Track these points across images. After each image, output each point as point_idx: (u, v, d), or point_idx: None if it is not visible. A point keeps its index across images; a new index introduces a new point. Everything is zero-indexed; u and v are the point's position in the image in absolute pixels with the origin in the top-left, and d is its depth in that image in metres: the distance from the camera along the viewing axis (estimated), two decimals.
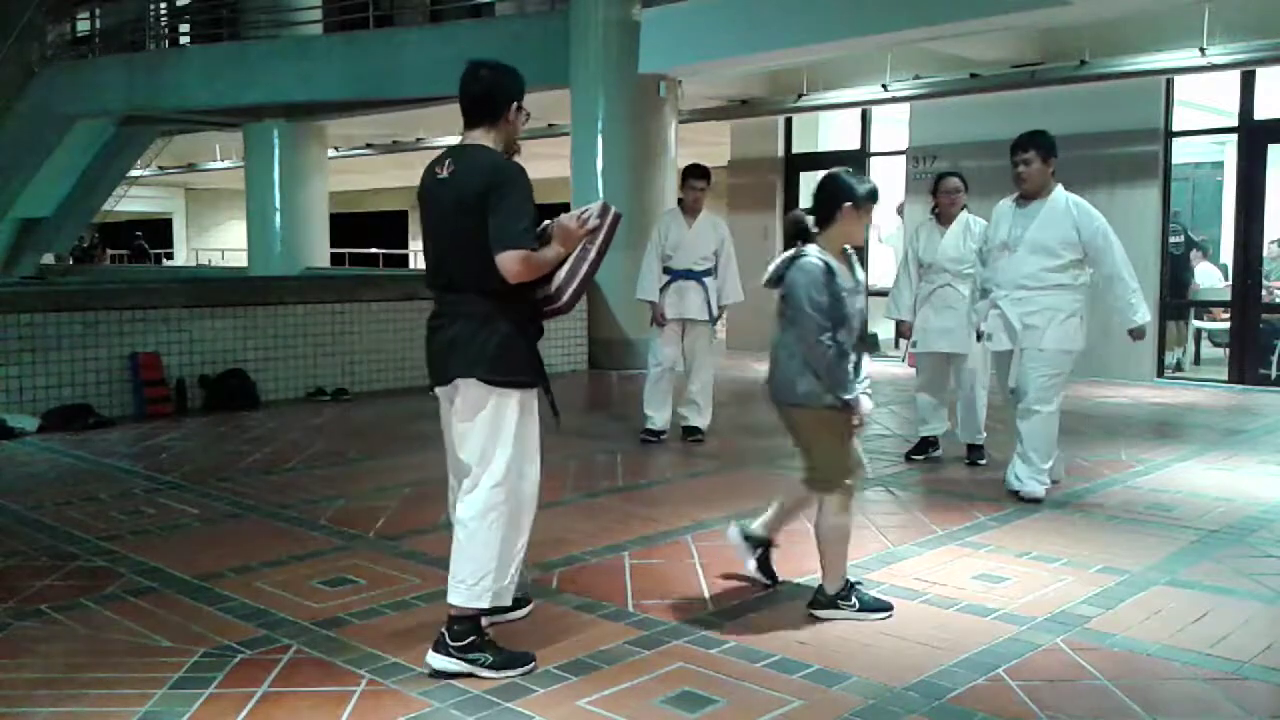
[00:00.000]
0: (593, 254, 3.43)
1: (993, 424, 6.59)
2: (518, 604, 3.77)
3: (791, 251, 3.80)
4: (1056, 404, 5.58)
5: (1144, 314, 5.52)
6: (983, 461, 6.42)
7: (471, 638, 3.29)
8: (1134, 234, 10.36)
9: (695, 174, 7.08)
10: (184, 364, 8.56)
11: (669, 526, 5.02)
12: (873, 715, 3.03)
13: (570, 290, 3.43)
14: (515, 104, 3.44)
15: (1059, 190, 5.55)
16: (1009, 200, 5.66)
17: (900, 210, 12.43)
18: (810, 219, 3.82)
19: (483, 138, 3.43)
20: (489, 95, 3.43)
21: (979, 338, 5.79)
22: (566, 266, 3.42)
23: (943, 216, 6.47)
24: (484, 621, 3.38)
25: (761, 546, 4.14)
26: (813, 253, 3.74)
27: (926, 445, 6.64)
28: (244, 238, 17.99)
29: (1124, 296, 5.47)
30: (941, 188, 6.47)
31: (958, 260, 6.32)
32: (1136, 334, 5.60)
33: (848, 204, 3.75)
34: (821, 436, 3.81)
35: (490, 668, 3.26)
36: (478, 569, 3.29)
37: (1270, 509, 5.35)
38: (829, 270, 3.70)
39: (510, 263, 3.24)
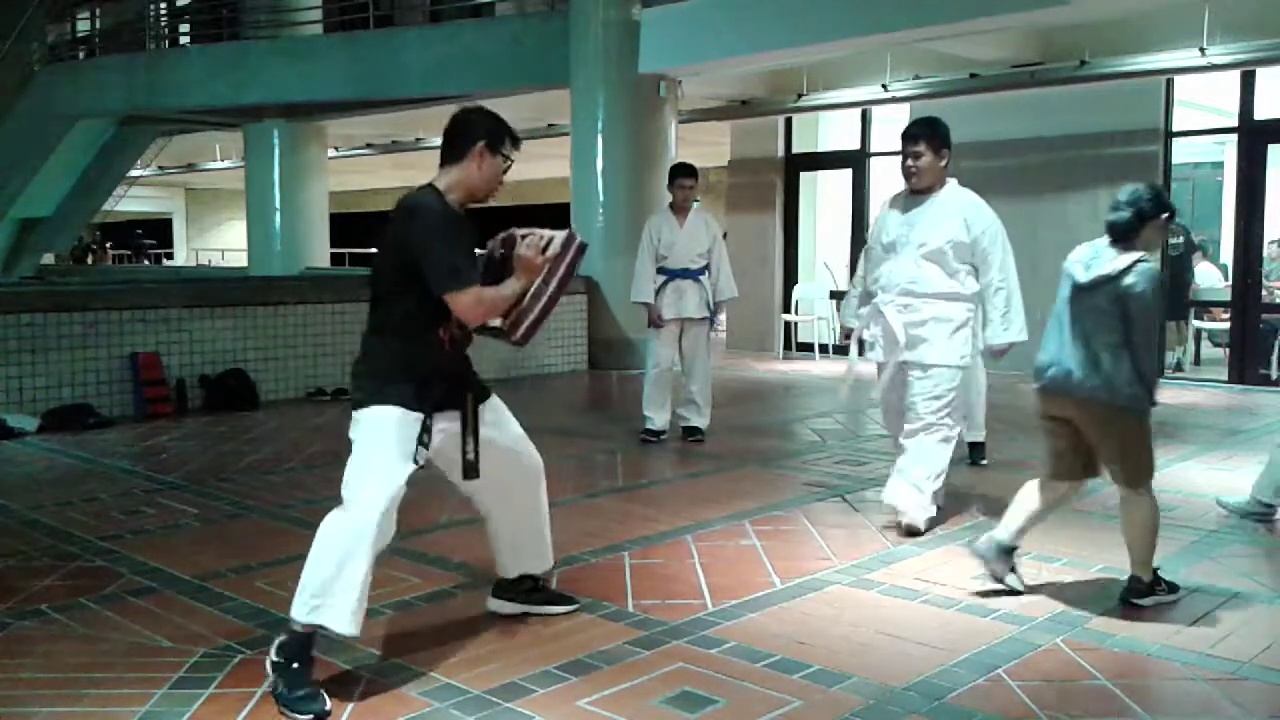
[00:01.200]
0: (551, 288, 3.31)
1: (990, 422, 6.59)
2: (564, 599, 3.85)
3: (1127, 256, 3.84)
4: (953, 428, 5.02)
5: (1008, 335, 4.92)
6: (984, 461, 6.40)
7: (289, 656, 3.09)
8: None
9: (684, 173, 7.11)
10: (184, 364, 8.56)
11: (669, 526, 5.02)
12: (873, 715, 3.02)
13: (524, 326, 3.32)
14: (483, 143, 3.30)
15: (951, 185, 4.99)
16: (897, 194, 5.13)
17: None
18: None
19: (440, 177, 3.34)
20: (454, 133, 3.35)
21: (861, 349, 5.17)
22: (525, 300, 3.31)
23: None
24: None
25: (1011, 553, 4.10)
26: (1146, 258, 3.87)
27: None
28: (244, 238, 17.99)
29: (996, 309, 4.91)
30: None
31: None
32: (994, 352, 5.03)
33: (1164, 216, 3.91)
34: (1143, 439, 3.91)
35: (277, 691, 3.06)
36: (307, 578, 3.13)
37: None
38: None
39: (462, 306, 3.17)
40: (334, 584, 3.08)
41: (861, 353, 5.17)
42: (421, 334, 3.24)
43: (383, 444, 3.23)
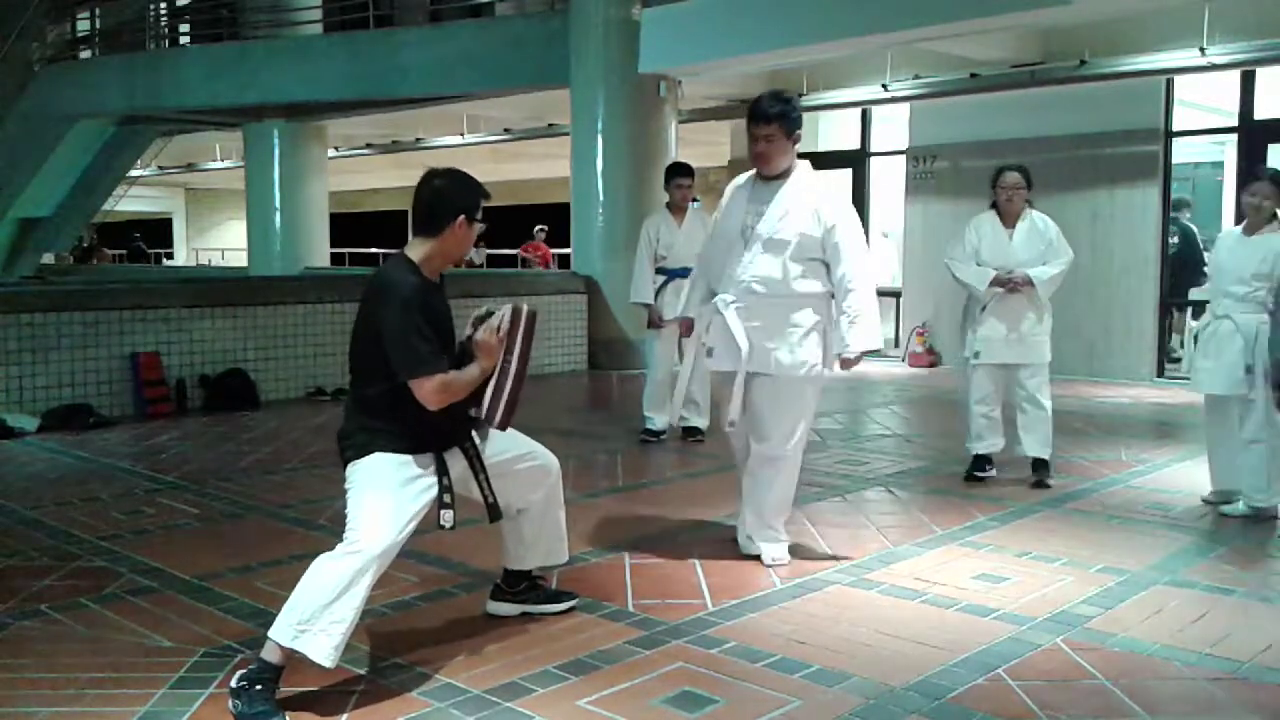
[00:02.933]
0: (514, 366, 3.29)
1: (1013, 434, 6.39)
2: (562, 596, 3.87)
3: None
4: (799, 450, 4.50)
5: (858, 343, 4.30)
6: (1051, 481, 5.86)
7: (251, 680, 3.01)
8: (1134, 234, 10.41)
9: (682, 172, 7.12)
10: (184, 364, 8.56)
11: (669, 526, 5.02)
12: (873, 715, 3.03)
13: (500, 411, 3.30)
14: (463, 217, 3.24)
15: (803, 169, 4.44)
16: (745, 177, 4.56)
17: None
18: None
19: (416, 248, 3.28)
20: (430, 207, 3.26)
21: (709, 353, 4.49)
22: (492, 384, 3.29)
23: (1005, 215, 5.89)
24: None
25: None
26: None
27: (984, 463, 6.02)
28: (244, 238, 17.99)
29: (845, 314, 4.31)
30: (1001, 183, 5.85)
31: (1029, 264, 5.81)
32: (844, 363, 4.38)
33: None
34: None
35: (238, 711, 2.97)
36: (296, 602, 3.05)
37: None
38: None
39: (425, 392, 3.14)
40: (323, 615, 3.01)
41: (710, 355, 4.49)
42: (407, 401, 3.19)
43: (382, 484, 3.19)
